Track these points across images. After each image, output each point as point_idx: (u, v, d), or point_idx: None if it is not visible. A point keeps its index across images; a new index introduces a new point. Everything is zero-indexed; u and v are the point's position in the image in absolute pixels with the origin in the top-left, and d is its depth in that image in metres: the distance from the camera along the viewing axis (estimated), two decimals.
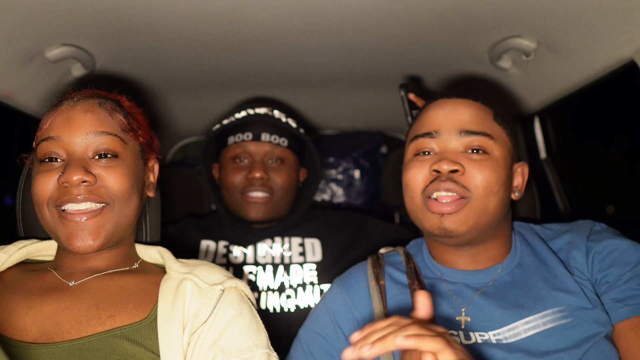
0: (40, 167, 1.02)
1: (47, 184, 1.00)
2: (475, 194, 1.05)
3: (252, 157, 1.68)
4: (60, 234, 1.01)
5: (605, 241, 1.08)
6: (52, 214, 1.01)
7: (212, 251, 1.68)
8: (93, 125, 1.04)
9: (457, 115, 1.11)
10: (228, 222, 1.73)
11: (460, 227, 1.05)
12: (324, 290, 1.61)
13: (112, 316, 0.97)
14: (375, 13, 1.38)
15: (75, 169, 0.98)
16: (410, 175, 1.12)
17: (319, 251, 1.69)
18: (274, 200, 1.67)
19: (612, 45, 1.33)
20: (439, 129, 1.11)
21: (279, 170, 1.69)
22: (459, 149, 1.09)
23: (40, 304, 0.98)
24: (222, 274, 1.07)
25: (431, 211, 1.06)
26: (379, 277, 1.17)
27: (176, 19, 1.39)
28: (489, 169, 1.06)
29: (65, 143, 1.02)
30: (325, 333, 1.16)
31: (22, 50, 1.40)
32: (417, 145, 1.13)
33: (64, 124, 1.03)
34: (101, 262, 1.09)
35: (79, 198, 0.99)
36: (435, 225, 1.06)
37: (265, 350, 0.97)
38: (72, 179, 0.98)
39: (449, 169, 1.05)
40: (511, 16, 1.40)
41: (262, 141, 1.67)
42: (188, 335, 0.97)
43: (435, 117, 1.13)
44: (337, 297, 1.20)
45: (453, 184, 1.05)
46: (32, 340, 0.93)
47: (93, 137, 1.03)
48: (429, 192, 1.08)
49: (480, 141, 1.08)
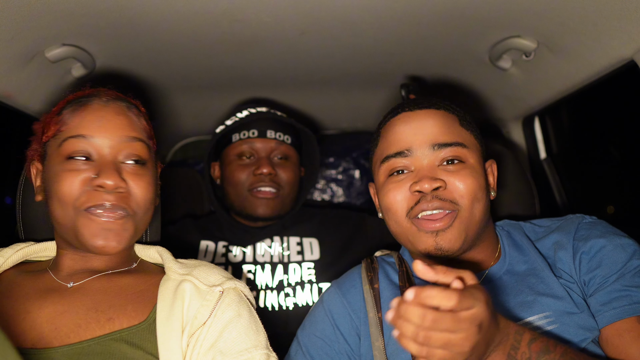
0: (66, 165, 1.00)
1: (75, 184, 0.98)
2: (462, 205, 1.04)
3: (258, 154, 1.69)
4: (83, 231, 0.98)
5: (592, 240, 1.05)
6: (76, 212, 0.99)
7: (211, 251, 1.68)
8: (126, 129, 1.03)
9: (425, 128, 1.08)
10: (227, 222, 1.73)
11: (455, 245, 1.04)
12: (323, 288, 1.61)
13: (111, 319, 0.97)
14: (375, 13, 1.38)
15: (112, 173, 0.98)
16: (391, 198, 1.08)
17: (317, 250, 1.69)
18: (281, 196, 1.68)
19: (612, 45, 1.33)
20: (410, 147, 1.07)
21: (284, 166, 1.70)
22: (435, 163, 1.06)
23: (38, 308, 0.97)
24: (221, 275, 1.07)
25: (424, 231, 1.04)
26: (372, 281, 1.16)
27: (176, 19, 1.39)
28: (469, 177, 1.05)
29: (98, 144, 1.01)
30: (325, 336, 1.16)
31: (22, 50, 1.40)
32: (389, 166, 1.10)
33: (97, 123, 1.01)
34: (101, 262, 1.08)
35: (107, 205, 0.98)
36: (431, 246, 1.04)
37: (265, 351, 0.97)
38: (109, 183, 0.97)
39: (431, 188, 1.03)
40: (511, 16, 1.40)
41: (267, 138, 1.68)
42: (187, 337, 0.97)
43: (402, 134, 1.09)
44: (334, 300, 1.19)
45: (439, 201, 1.03)
46: (30, 345, 0.92)
47: (126, 142, 1.02)
48: (416, 213, 1.05)
49: (454, 152, 1.06)
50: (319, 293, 1.61)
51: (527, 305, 1.03)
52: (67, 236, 1.03)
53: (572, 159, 2.28)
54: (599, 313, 0.99)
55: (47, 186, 1.03)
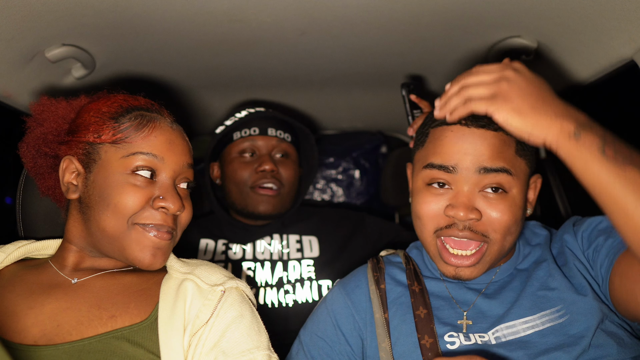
0: (131, 178, 1.01)
1: (139, 199, 1.00)
2: (492, 239, 1.04)
3: (260, 151, 1.70)
4: (132, 244, 1.01)
5: (587, 221, 1.11)
6: (129, 226, 1.00)
7: (211, 249, 1.69)
8: (187, 155, 1.09)
9: (477, 149, 1.03)
10: (226, 221, 1.74)
11: (474, 275, 1.06)
12: (322, 285, 1.62)
13: (113, 317, 0.97)
14: (375, 13, 1.38)
15: (177, 199, 1.03)
16: (424, 210, 1.07)
17: (317, 247, 1.70)
18: (282, 194, 1.69)
19: (612, 45, 1.33)
20: (456, 165, 1.03)
21: (285, 164, 1.71)
22: (476, 189, 1.03)
23: (40, 304, 0.97)
24: (222, 274, 1.07)
25: (444, 261, 1.06)
26: (379, 281, 1.16)
27: (176, 19, 1.39)
28: (507, 211, 1.02)
29: (167, 166, 1.04)
30: (326, 336, 1.16)
31: (22, 50, 1.40)
32: (431, 174, 1.07)
33: (168, 146, 1.05)
34: (106, 261, 1.08)
35: (163, 229, 1.03)
36: (449, 273, 1.07)
37: (266, 352, 0.97)
38: (172, 207, 1.02)
39: (466, 218, 1.01)
40: (511, 16, 1.40)
41: (269, 135, 1.69)
42: (189, 337, 0.97)
43: (452, 147, 1.04)
44: (338, 300, 1.19)
45: (470, 232, 1.02)
46: (32, 342, 0.92)
47: (186, 168, 1.08)
48: (444, 234, 1.05)
49: (498, 179, 1.02)
50: (318, 290, 1.61)
51: (539, 300, 1.05)
52: (106, 243, 1.03)
53: None
54: (606, 258, 1.01)
55: (96, 192, 1.02)
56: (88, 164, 1.04)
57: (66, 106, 1.13)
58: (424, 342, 1.03)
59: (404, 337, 1.07)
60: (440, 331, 1.06)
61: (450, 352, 1.03)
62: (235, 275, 1.10)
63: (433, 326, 1.05)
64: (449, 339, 1.05)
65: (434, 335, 1.04)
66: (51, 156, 1.11)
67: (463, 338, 1.05)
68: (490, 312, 1.07)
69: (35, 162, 1.13)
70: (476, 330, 1.05)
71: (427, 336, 1.04)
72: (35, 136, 1.12)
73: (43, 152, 1.12)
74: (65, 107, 1.12)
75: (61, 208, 1.18)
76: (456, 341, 1.04)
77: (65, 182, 1.06)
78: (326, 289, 1.62)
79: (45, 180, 1.15)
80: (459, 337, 1.05)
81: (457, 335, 1.05)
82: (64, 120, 1.11)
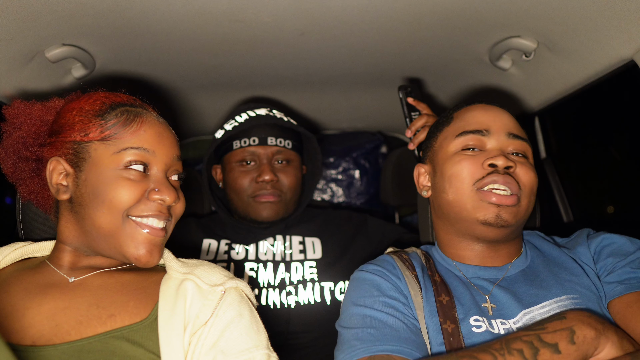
0: (124, 172, 1.01)
1: (134, 192, 1.01)
2: (523, 192, 1.12)
3: (260, 160, 1.69)
4: (127, 240, 1.01)
5: (602, 235, 1.17)
6: (124, 220, 1.01)
7: (213, 249, 1.69)
8: (175, 147, 1.10)
9: (503, 118, 1.19)
10: (229, 222, 1.74)
11: (513, 219, 1.10)
12: (325, 287, 1.62)
13: (112, 316, 0.97)
14: (375, 13, 1.38)
15: (172, 190, 1.05)
16: (461, 166, 1.15)
17: (319, 249, 1.70)
18: (284, 201, 1.69)
19: (612, 45, 1.34)
20: (488, 128, 1.17)
21: (286, 171, 1.70)
22: (507, 149, 1.15)
23: (38, 304, 0.97)
24: (222, 274, 1.07)
25: (488, 201, 1.10)
26: (409, 268, 1.17)
27: (176, 19, 1.39)
28: (531, 171, 1.14)
29: (158, 159, 1.05)
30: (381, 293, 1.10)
31: (22, 50, 1.40)
32: (465, 140, 1.17)
33: (158, 139, 1.05)
34: (103, 260, 1.08)
35: (162, 215, 1.04)
36: (492, 214, 1.10)
37: (265, 351, 0.97)
38: (168, 199, 1.03)
39: (505, 165, 1.11)
40: (511, 16, 1.40)
41: (268, 145, 1.69)
42: (189, 336, 0.97)
43: (483, 117, 1.19)
44: (377, 272, 1.15)
45: (511, 178, 1.11)
46: (30, 342, 0.91)
47: (175, 160, 1.09)
48: (484, 184, 1.11)
49: (524, 146, 1.17)
50: (320, 292, 1.61)
51: (554, 287, 1.10)
52: (101, 241, 1.03)
53: (572, 159, 2.28)
54: (610, 289, 1.07)
55: (88, 189, 1.01)
56: (77, 163, 1.03)
57: (41, 108, 1.12)
58: (445, 327, 1.05)
59: (428, 318, 1.08)
60: (464, 315, 1.07)
61: (476, 334, 1.04)
62: (237, 276, 1.10)
63: (455, 313, 1.07)
64: (475, 322, 1.06)
65: (455, 322, 1.06)
66: (33, 160, 1.10)
67: (487, 324, 1.06)
68: (508, 301, 1.09)
69: (15, 167, 1.11)
70: (498, 316, 1.07)
71: (449, 321, 1.06)
72: (13, 141, 1.10)
73: (24, 157, 1.10)
74: (41, 109, 1.12)
75: (47, 212, 1.16)
76: (482, 325, 1.05)
77: (54, 184, 1.05)
78: (328, 290, 1.62)
79: (27, 185, 1.13)
80: (484, 321, 1.06)
81: (483, 319, 1.06)
82: (42, 122, 1.10)
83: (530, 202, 1.14)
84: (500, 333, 1.04)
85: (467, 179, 1.14)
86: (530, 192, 1.13)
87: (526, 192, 1.13)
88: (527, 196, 1.13)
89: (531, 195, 1.14)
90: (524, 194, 1.12)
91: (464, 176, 1.14)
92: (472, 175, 1.13)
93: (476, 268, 1.17)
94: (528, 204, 1.14)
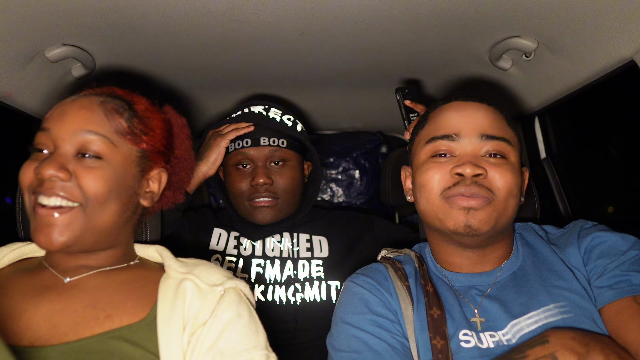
0: (32, 156, 1.02)
1: (29, 172, 0.99)
2: (498, 196, 1.06)
3: (254, 162, 1.69)
4: (31, 225, 0.99)
5: (593, 234, 1.11)
6: (30, 202, 0.99)
7: (224, 239, 1.71)
8: (83, 122, 1.00)
9: (476, 118, 1.11)
10: (237, 218, 1.76)
11: (484, 226, 1.05)
12: (331, 285, 1.63)
13: (110, 316, 0.96)
14: (375, 13, 1.38)
15: (49, 163, 0.96)
16: (429, 176, 1.10)
17: (326, 248, 1.71)
18: (280, 204, 1.69)
19: (612, 45, 1.33)
20: (459, 132, 1.10)
21: (281, 172, 1.69)
22: (479, 153, 1.09)
23: (34, 306, 0.96)
24: (221, 274, 1.07)
25: (456, 207, 1.06)
26: (402, 279, 1.15)
27: (176, 19, 1.39)
28: (509, 172, 1.07)
29: (54, 136, 1.00)
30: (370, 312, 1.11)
31: (22, 50, 1.40)
32: (434, 147, 1.12)
33: (58, 117, 1.02)
34: (94, 261, 1.06)
35: (49, 192, 0.96)
36: (461, 223, 1.05)
37: (264, 352, 0.97)
38: (45, 172, 0.95)
39: (473, 173, 1.05)
40: (511, 16, 1.40)
41: (261, 145, 1.67)
42: (187, 336, 0.96)
43: (453, 119, 1.12)
44: (366, 284, 1.16)
45: (477, 187, 1.05)
46: (28, 344, 0.91)
47: (80, 135, 1.00)
48: (451, 194, 1.07)
49: (499, 146, 1.09)
50: (327, 290, 1.62)
51: (542, 295, 1.06)
52: None
53: (572, 159, 2.27)
54: (600, 295, 1.03)
55: None
56: None
57: None
58: (435, 342, 1.03)
59: (418, 332, 1.07)
60: (454, 330, 1.05)
61: (465, 350, 1.02)
62: (245, 271, 1.08)
63: (445, 328, 1.05)
64: (464, 337, 1.05)
65: (445, 337, 1.04)
66: None
67: (477, 339, 1.04)
68: (497, 313, 1.07)
69: None
70: (487, 329, 1.06)
71: (439, 337, 1.04)
72: None
73: None
74: None
75: None
76: (471, 340, 1.04)
77: None
78: (334, 289, 1.63)
79: None
80: (473, 336, 1.05)
81: (472, 334, 1.05)
82: None
83: (509, 205, 1.07)
84: (490, 347, 1.02)
85: (434, 188, 1.09)
86: (507, 195, 1.07)
87: (502, 197, 1.06)
88: (504, 200, 1.06)
89: (510, 198, 1.07)
90: (498, 199, 1.06)
91: (431, 186, 1.09)
92: (440, 184, 1.09)
93: (465, 276, 1.14)
94: (505, 208, 1.07)
